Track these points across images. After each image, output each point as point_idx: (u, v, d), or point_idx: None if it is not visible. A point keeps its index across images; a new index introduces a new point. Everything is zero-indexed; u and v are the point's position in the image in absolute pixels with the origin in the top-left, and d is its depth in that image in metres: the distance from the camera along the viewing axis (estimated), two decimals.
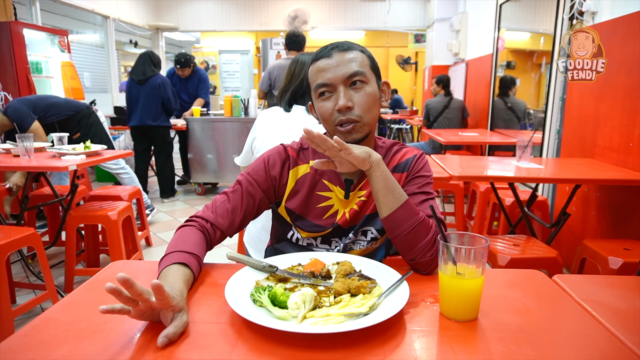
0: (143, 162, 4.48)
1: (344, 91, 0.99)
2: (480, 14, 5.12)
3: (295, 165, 1.10)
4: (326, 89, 1.00)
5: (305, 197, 1.08)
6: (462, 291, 0.76)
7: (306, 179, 1.09)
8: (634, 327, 0.76)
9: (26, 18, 4.62)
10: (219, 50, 8.62)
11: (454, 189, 3.34)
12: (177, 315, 0.71)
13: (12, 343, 0.68)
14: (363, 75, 1.00)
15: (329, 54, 1.01)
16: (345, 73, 0.99)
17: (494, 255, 1.88)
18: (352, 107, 0.99)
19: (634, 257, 1.76)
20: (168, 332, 0.68)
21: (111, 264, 1.01)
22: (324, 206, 1.08)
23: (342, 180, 1.08)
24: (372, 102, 1.01)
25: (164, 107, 4.28)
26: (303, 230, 1.10)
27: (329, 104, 1.01)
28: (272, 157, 1.10)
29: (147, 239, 3.33)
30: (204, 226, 1.00)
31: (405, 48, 8.70)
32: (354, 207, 1.08)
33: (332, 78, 0.99)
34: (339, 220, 1.07)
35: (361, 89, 1.00)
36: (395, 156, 1.11)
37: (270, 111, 1.76)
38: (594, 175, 2.14)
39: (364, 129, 1.01)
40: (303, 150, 1.12)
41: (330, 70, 0.99)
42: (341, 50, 1.01)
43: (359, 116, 0.99)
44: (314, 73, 1.03)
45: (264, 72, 4.03)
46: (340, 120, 0.99)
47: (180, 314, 0.72)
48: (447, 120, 4.65)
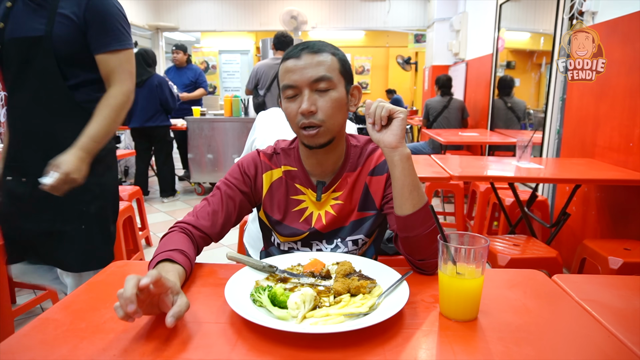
0: (143, 162, 4.49)
1: (308, 95, 0.97)
2: (480, 14, 5.12)
3: (269, 170, 1.10)
4: (292, 90, 0.99)
5: (280, 202, 1.09)
6: (462, 291, 0.76)
7: (280, 184, 1.09)
8: (634, 327, 0.76)
9: None
10: (219, 50, 8.61)
11: (454, 189, 3.34)
12: (177, 297, 0.72)
13: (12, 343, 0.68)
14: (329, 81, 0.98)
15: (297, 55, 0.98)
16: (311, 77, 0.97)
17: (494, 255, 1.88)
18: (315, 111, 0.98)
19: (634, 257, 1.76)
20: (174, 311, 0.69)
21: (111, 264, 1.02)
22: (299, 210, 1.08)
23: (313, 183, 1.08)
24: (336, 107, 0.99)
25: (162, 107, 4.30)
26: (281, 235, 1.10)
27: (293, 106, 1.00)
28: (246, 162, 1.11)
29: (147, 239, 3.34)
30: (186, 229, 1.00)
31: (405, 48, 8.70)
32: (329, 210, 1.07)
33: (298, 80, 0.97)
34: (315, 224, 1.07)
35: (326, 94, 0.98)
36: (370, 158, 1.09)
37: (270, 112, 1.79)
38: (594, 175, 2.14)
39: (326, 134, 1.00)
40: (276, 154, 1.12)
41: (297, 72, 0.98)
42: (311, 52, 0.99)
43: (321, 121, 0.98)
44: (282, 73, 1.01)
45: (251, 71, 4.08)
46: (303, 124, 0.99)
47: (179, 295, 0.73)
48: (447, 120, 4.64)
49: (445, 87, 4.69)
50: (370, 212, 1.08)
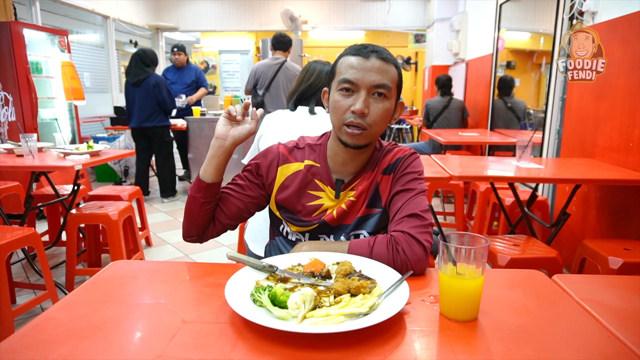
0: (143, 162, 4.49)
1: (365, 97, 1.00)
2: (480, 14, 5.12)
3: (285, 163, 1.13)
4: (350, 85, 1.01)
5: (294, 193, 1.11)
6: (462, 291, 0.76)
7: (297, 177, 1.12)
8: (634, 327, 0.76)
9: (26, 18, 4.62)
10: (219, 50, 8.60)
11: (454, 189, 3.34)
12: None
13: (12, 343, 0.68)
14: (388, 90, 1.02)
15: (367, 55, 1.01)
16: (374, 81, 1.00)
17: (494, 255, 1.88)
18: (367, 114, 1.00)
19: (634, 257, 1.76)
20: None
21: (111, 263, 1.01)
22: (314, 205, 1.11)
23: (333, 181, 1.10)
24: (385, 116, 1.03)
25: (160, 107, 4.29)
26: (292, 224, 1.13)
27: (346, 101, 1.02)
28: (263, 155, 1.15)
29: (147, 239, 3.33)
30: None
31: (405, 48, 8.69)
32: (342, 206, 1.10)
33: (360, 79, 1.00)
34: (326, 217, 1.09)
35: (381, 101, 1.02)
36: (386, 158, 1.12)
37: (275, 114, 1.84)
38: (594, 175, 2.14)
39: (368, 138, 1.03)
40: (298, 149, 1.15)
41: (362, 72, 1.00)
42: (380, 57, 1.02)
43: (369, 125, 1.01)
44: (344, 66, 1.03)
45: (250, 71, 4.08)
46: (350, 122, 1.01)
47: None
48: (447, 121, 4.64)
49: (446, 87, 4.69)
50: (376, 209, 1.10)
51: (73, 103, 4.37)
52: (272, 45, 4.01)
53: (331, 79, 1.08)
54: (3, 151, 2.64)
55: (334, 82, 1.05)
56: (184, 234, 1.10)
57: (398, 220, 1.01)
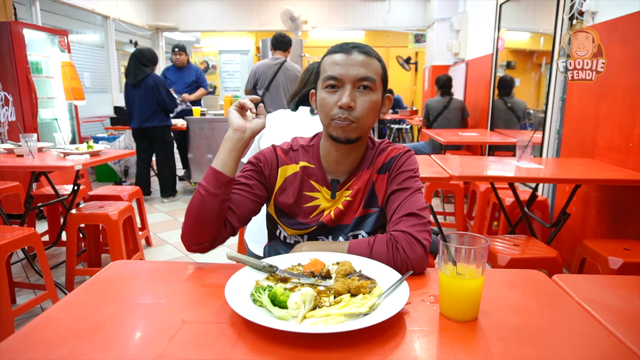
0: (144, 162, 4.49)
1: (350, 90, 1.00)
2: (480, 14, 5.12)
3: (284, 164, 1.13)
4: (335, 82, 1.02)
5: (292, 196, 1.11)
6: (462, 291, 0.76)
7: (295, 179, 1.11)
8: (634, 327, 0.76)
9: (26, 18, 4.62)
10: (219, 50, 8.60)
11: (454, 189, 3.34)
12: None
13: (12, 343, 0.68)
14: (373, 82, 1.02)
15: (348, 51, 1.03)
16: (357, 74, 1.00)
17: (494, 255, 1.88)
18: (354, 107, 1.01)
19: (634, 257, 1.76)
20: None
21: (111, 263, 1.01)
22: (311, 206, 1.10)
23: (328, 181, 1.10)
24: (372, 109, 1.03)
25: (159, 107, 4.29)
26: (288, 228, 1.12)
27: (332, 97, 1.02)
28: (262, 155, 1.14)
29: (147, 239, 3.34)
30: None
31: (405, 48, 8.69)
32: (339, 206, 1.10)
33: (344, 74, 1.01)
34: (323, 218, 1.09)
35: (367, 94, 1.02)
36: (380, 156, 1.12)
37: (277, 113, 1.85)
38: (594, 175, 2.14)
39: (358, 131, 1.03)
40: (292, 151, 1.15)
41: (345, 67, 1.01)
42: (361, 51, 1.03)
43: (356, 118, 1.01)
44: (327, 64, 1.04)
45: (250, 72, 4.09)
46: (338, 117, 1.01)
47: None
48: (447, 120, 4.64)
49: (446, 87, 4.69)
50: (373, 209, 1.10)
51: (73, 103, 4.37)
52: (272, 45, 4.02)
53: (317, 80, 1.08)
54: (3, 151, 2.64)
55: (319, 81, 1.06)
56: (190, 241, 1.00)
57: (396, 220, 1.01)
